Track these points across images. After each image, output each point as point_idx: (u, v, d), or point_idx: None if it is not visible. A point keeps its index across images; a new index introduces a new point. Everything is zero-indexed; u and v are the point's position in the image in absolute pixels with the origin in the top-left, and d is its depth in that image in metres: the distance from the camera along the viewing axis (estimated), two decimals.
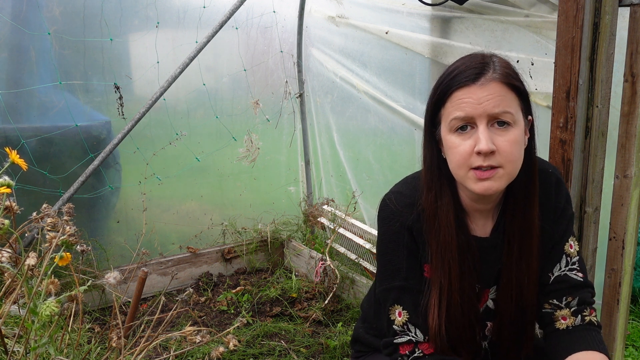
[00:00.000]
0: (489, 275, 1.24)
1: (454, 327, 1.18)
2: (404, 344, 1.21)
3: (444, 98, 1.09)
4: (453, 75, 1.08)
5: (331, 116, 3.46)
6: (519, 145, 1.08)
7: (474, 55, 1.11)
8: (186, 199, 3.24)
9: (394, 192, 1.25)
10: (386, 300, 1.24)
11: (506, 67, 1.09)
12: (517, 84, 1.08)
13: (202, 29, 2.91)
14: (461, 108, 1.06)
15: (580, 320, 1.19)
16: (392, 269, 1.22)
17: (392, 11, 2.80)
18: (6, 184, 0.98)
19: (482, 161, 1.06)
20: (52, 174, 2.65)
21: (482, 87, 1.04)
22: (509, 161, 1.07)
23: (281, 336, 2.52)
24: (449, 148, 1.11)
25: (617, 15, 1.44)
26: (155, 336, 1.17)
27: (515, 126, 1.07)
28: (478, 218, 1.23)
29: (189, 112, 3.13)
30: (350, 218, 3.25)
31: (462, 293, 1.17)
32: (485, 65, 1.07)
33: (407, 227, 1.20)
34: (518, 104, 1.09)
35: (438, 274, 1.17)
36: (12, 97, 2.55)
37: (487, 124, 1.05)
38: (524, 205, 1.17)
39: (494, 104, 1.04)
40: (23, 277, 0.97)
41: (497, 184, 1.08)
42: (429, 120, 1.16)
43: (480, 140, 1.04)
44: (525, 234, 1.18)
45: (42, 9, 2.56)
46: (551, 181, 1.23)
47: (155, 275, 2.94)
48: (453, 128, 1.08)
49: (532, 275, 1.20)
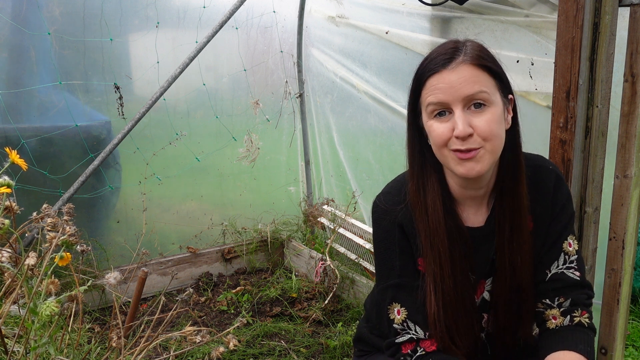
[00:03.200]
0: (484, 265, 1.24)
1: (449, 314, 1.18)
2: (406, 343, 1.21)
3: (420, 87, 1.12)
4: (426, 64, 1.11)
5: (331, 116, 3.46)
6: (498, 124, 1.09)
7: (447, 42, 1.13)
8: (186, 199, 3.24)
9: (383, 193, 1.28)
10: (384, 299, 1.24)
11: (478, 49, 1.10)
12: (489, 64, 1.09)
13: (202, 29, 2.91)
14: (434, 94, 1.08)
15: (569, 321, 1.19)
16: (387, 267, 1.23)
17: (392, 11, 2.80)
18: (6, 184, 0.98)
19: (460, 144, 1.07)
20: (52, 174, 2.65)
21: (453, 71, 1.06)
22: (488, 140, 1.07)
23: (281, 336, 2.52)
24: (430, 133, 1.13)
25: (617, 15, 1.44)
26: (155, 336, 1.17)
27: (491, 106, 1.07)
28: (470, 206, 1.23)
29: (189, 112, 3.14)
30: (350, 218, 3.25)
31: (454, 279, 1.17)
32: (456, 51, 1.08)
33: (398, 223, 1.21)
34: (493, 84, 1.09)
35: (430, 262, 1.18)
36: (12, 97, 2.55)
37: (463, 107, 1.06)
38: (511, 184, 1.17)
39: (468, 87, 1.05)
40: (23, 277, 0.97)
41: (480, 165, 1.08)
42: (411, 111, 1.18)
43: (457, 125, 1.06)
44: (515, 213, 1.18)
45: (42, 9, 2.56)
46: (551, 178, 1.22)
47: (155, 275, 2.95)
48: (431, 114, 1.10)
49: (525, 255, 1.20)
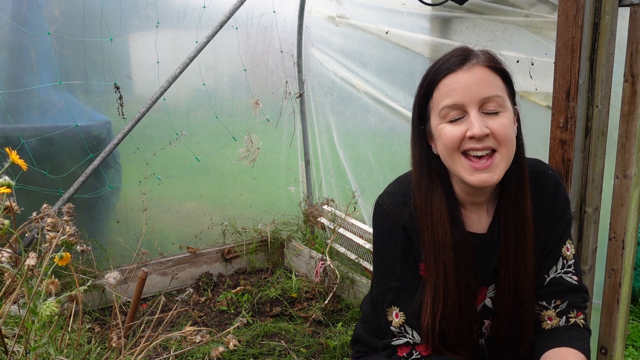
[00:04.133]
0: (486, 272, 1.23)
1: (451, 326, 1.17)
2: (402, 346, 1.21)
3: (431, 89, 1.09)
4: (438, 67, 1.08)
5: (331, 116, 3.46)
6: (512, 129, 1.08)
7: (456, 48, 1.12)
8: (186, 199, 3.24)
9: (387, 193, 1.24)
10: (383, 301, 1.23)
11: (489, 54, 1.10)
12: (502, 68, 1.09)
13: (202, 29, 2.91)
14: (450, 95, 1.05)
15: (565, 321, 1.20)
16: (388, 270, 1.22)
17: (392, 11, 2.80)
18: (6, 184, 0.98)
19: (475, 143, 1.04)
20: (52, 174, 2.65)
21: (468, 72, 1.04)
22: (502, 144, 1.05)
23: (281, 336, 2.52)
24: (440, 137, 1.09)
25: (617, 15, 1.44)
26: (155, 336, 1.17)
27: (505, 111, 1.06)
28: (473, 212, 1.21)
29: (189, 112, 3.13)
30: (350, 218, 3.25)
31: (458, 292, 1.16)
32: (468, 53, 1.08)
33: (401, 226, 1.19)
34: (505, 89, 1.09)
35: (432, 273, 1.16)
36: (12, 97, 2.55)
37: (478, 109, 1.04)
38: (515, 196, 1.16)
39: (483, 87, 1.04)
40: (23, 277, 0.97)
41: (496, 176, 1.06)
42: (417, 117, 1.15)
43: (473, 125, 1.03)
44: (520, 226, 1.17)
45: (42, 9, 2.56)
46: (550, 182, 1.22)
47: (155, 275, 2.94)
48: (444, 118, 1.07)
49: (528, 268, 1.19)
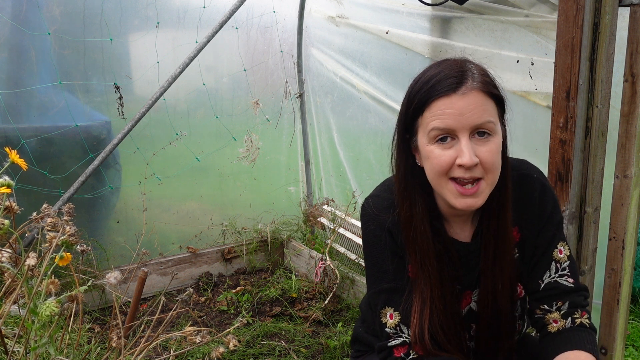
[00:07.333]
0: (470, 278, 1.23)
1: (440, 331, 1.17)
2: (398, 346, 1.20)
3: (422, 107, 1.06)
4: (432, 84, 1.04)
5: (331, 116, 3.46)
6: (498, 155, 1.07)
7: (449, 61, 1.08)
8: (186, 199, 3.24)
9: (372, 196, 1.25)
10: (376, 303, 1.23)
11: (484, 74, 1.07)
12: (496, 92, 1.07)
13: (202, 29, 2.91)
14: (442, 119, 1.03)
15: (571, 323, 1.19)
16: (379, 271, 1.22)
17: (392, 11, 2.80)
18: (6, 184, 0.98)
19: (463, 173, 1.04)
20: (52, 174, 2.65)
21: (463, 97, 1.02)
22: (490, 172, 1.05)
23: (281, 336, 2.52)
24: (428, 158, 1.08)
25: (617, 15, 1.44)
26: (155, 336, 1.17)
27: (495, 135, 1.05)
28: (456, 223, 1.22)
29: (189, 112, 3.13)
30: (350, 218, 3.25)
31: (443, 300, 1.17)
32: (464, 74, 1.04)
33: (387, 229, 1.19)
34: (496, 112, 1.07)
35: (419, 282, 1.16)
36: (12, 97, 2.55)
37: (469, 136, 1.03)
38: (497, 210, 1.16)
39: (477, 115, 1.02)
40: (23, 277, 0.97)
41: (480, 200, 1.07)
42: (403, 128, 1.14)
43: (464, 154, 1.02)
44: (500, 240, 1.17)
45: (42, 9, 2.56)
46: (535, 187, 1.20)
47: (155, 275, 2.94)
48: (433, 138, 1.05)
49: (506, 281, 1.19)
